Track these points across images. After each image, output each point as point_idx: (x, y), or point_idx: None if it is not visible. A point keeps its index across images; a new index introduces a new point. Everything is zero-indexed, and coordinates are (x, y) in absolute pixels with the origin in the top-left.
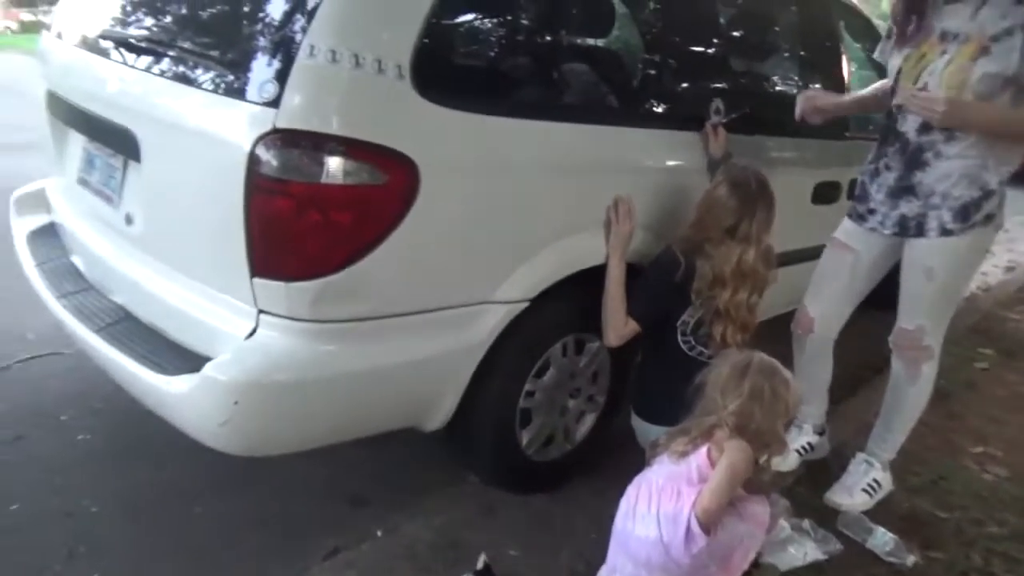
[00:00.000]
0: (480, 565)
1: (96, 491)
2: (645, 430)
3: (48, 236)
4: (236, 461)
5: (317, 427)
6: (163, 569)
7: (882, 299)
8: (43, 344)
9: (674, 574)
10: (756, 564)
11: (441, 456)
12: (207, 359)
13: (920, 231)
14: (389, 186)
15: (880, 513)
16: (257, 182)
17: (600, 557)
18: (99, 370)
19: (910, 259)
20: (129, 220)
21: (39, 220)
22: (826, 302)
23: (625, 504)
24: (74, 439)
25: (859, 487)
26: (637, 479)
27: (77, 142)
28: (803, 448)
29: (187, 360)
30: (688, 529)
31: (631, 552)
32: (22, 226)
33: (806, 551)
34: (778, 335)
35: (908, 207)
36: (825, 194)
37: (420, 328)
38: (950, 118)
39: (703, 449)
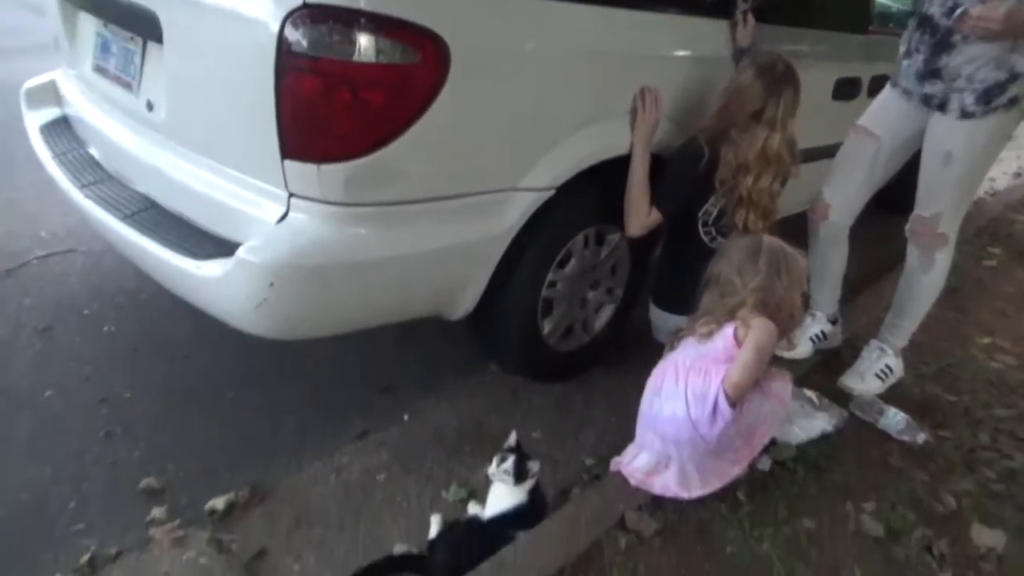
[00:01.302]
0: (512, 442)
1: (127, 379)
2: (663, 320)
3: (62, 128)
4: (261, 352)
5: (346, 311)
6: (201, 446)
7: (899, 202)
8: (58, 242)
9: (701, 449)
10: (773, 442)
11: (465, 346)
12: (236, 245)
13: (942, 109)
14: (421, 66)
15: (891, 398)
16: (287, 60)
17: (620, 439)
18: (118, 266)
19: (930, 145)
20: (150, 106)
21: (51, 113)
22: (844, 190)
23: (651, 386)
24: (100, 331)
25: (872, 372)
26: (661, 363)
27: (90, 27)
28: (817, 336)
29: (218, 246)
30: (716, 405)
31: (659, 430)
32: (35, 119)
33: (816, 425)
34: (792, 232)
35: (932, 88)
36: (846, 90)
37: (448, 214)
38: (1011, 30)
39: (728, 329)
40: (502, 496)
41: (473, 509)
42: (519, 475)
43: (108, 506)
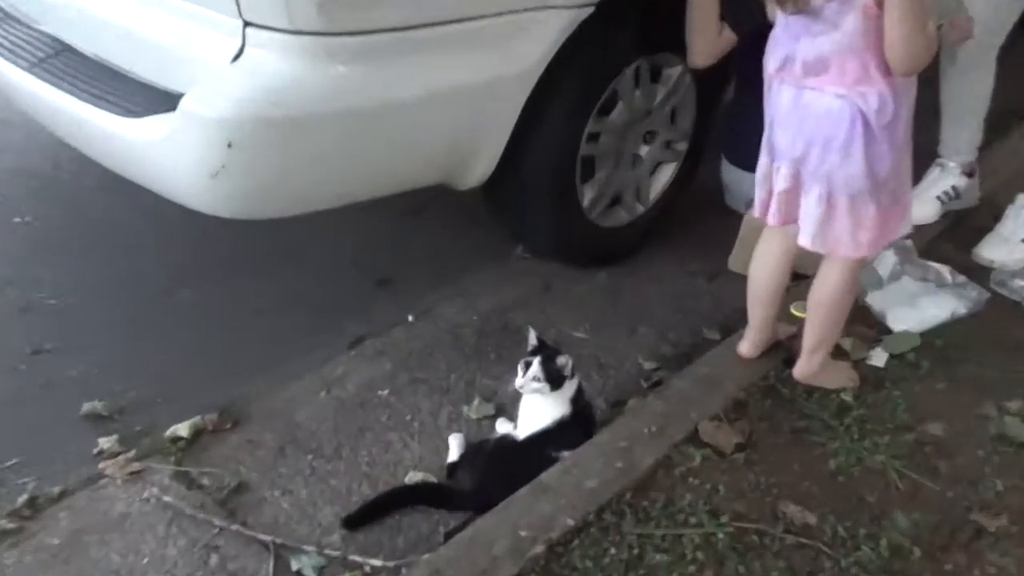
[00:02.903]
0: (532, 340)
1: (53, 282)
2: (739, 181)
3: None
4: (224, 240)
5: (327, 180)
6: (153, 361)
7: None
8: None
9: (856, 163)
10: (887, 332)
11: (483, 226)
12: (179, 96)
13: None
14: None
15: None
16: None
17: (685, 335)
18: (27, 137)
19: None
20: None
21: None
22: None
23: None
24: (10, 224)
25: (1020, 236)
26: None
27: None
28: (946, 193)
29: (156, 98)
30: (876, 104)
31: (806, 134)
32: None
33: (945, 305)
34: None
35: None
36: None
37: (456, 44)
38: None
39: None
40: (537, 410)
41: (503, 428)
42: (553, 378)
43: (45, 437)
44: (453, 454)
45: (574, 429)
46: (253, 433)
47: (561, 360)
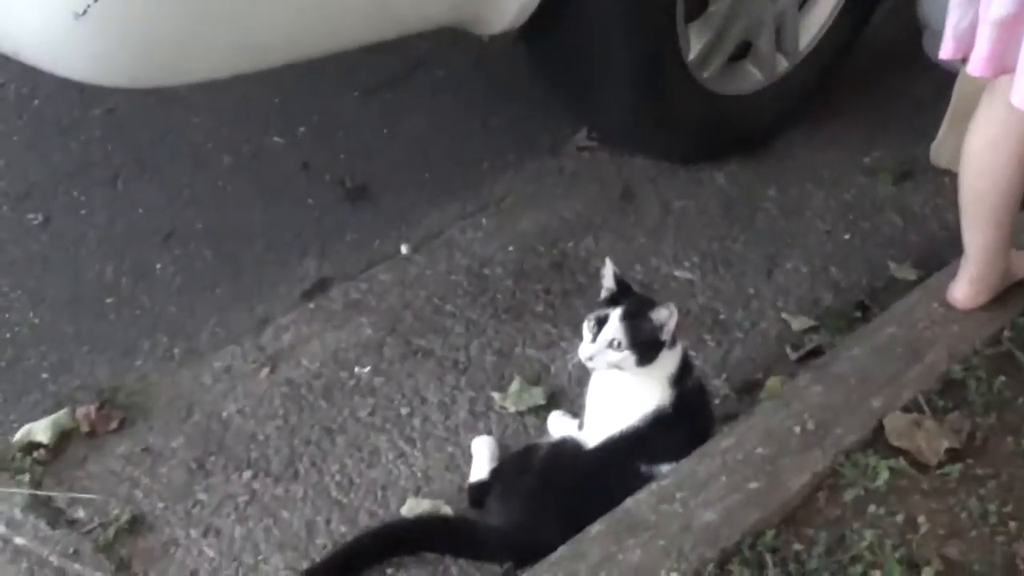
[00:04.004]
0: (609, 281)
1: None
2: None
3: None
4: (108, 135)
5: (248, 17)
6: None
7: None
8: None
9: None
10: None
11: (515, 98)
12: None
13: None
14: None
15: None
16: None
17: (855, 270)
18: None
19: None
20: None
21: None
22: None
23: None
24: None
25: None
26: None
27: None
28: None
29: None
30: None
31: None
32: None
33: None
34: None
35: None
36: None
37: None
38: None
39: None
40: (617, 397)
41: (560, 426)
42: (642, 345)
43: None
44: (479, 470)
45: (678, 428)
46: (154, 436)
47: (657, 315)
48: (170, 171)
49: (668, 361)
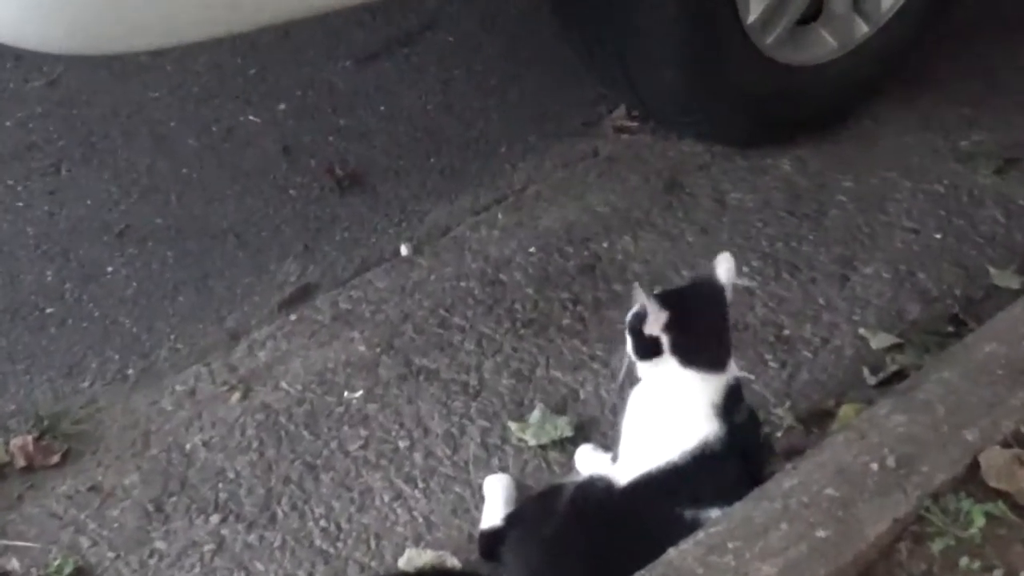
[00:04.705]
0: (639, 307)
1: None
2: None
3: None
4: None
5: None
6: None
7: None
8: None
9: None
10: None
11: (537, 66)
12: None
13: None
14: None
15: None
16: None
17: (949, 275)
18: None
19: None
20: None
21: None
22: None
23: None
24: None
25: None
26: None
27: None
28: None
29: None
30: None
31: None
32: None
33: None
34: None
35: None
36: None
37: None
38: None
39: None
40: (657, 425)
41: (590, 462)
42: (688, 357)
43: None
44: (493, 514)
45: (729, 464)
46: (103, 472)
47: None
48: (124, 156)
49: (716, 383)
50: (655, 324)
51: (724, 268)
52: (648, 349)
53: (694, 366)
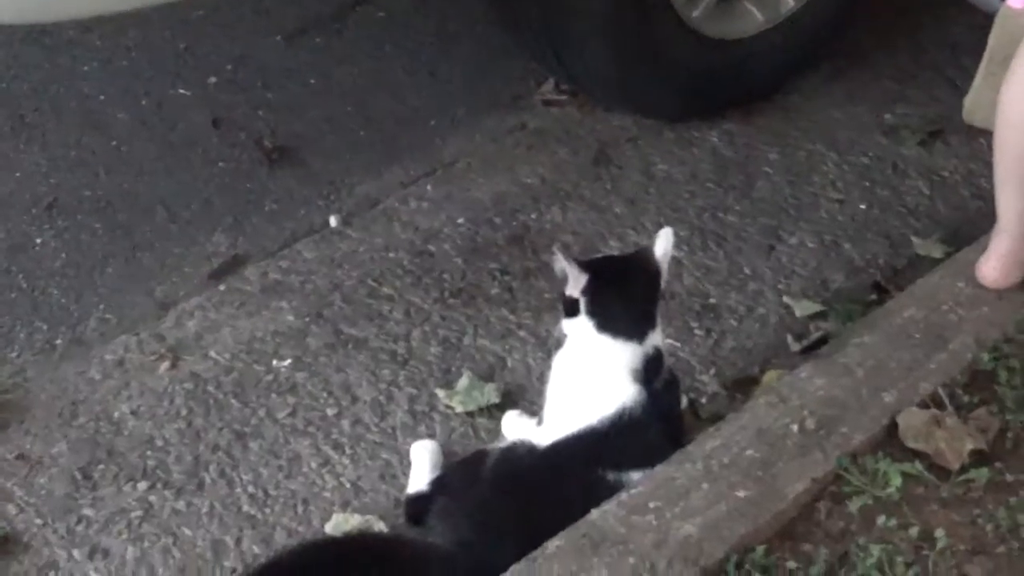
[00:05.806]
0: (560, 268)
1: None
2: None
3: None
4: None
5: None
6: None
7: None
8: None
9: None
10: None
11: (465, 40)
12: None
13: None
14: None
15: None
16: None
17: (872, 245)
18: None
19: None
20: None
21: None
22: None
23: None
24: None
25: None
26: None
27: None
28: None
29: None
30: None
31: None
32: None
33: None
34: None
35: None
36: None
37: None
38: None
39: None
40: (578, 390)
41: (516, 428)
42: (603, 321)
43: None
44: (419, 479)
45: (650, 428)
46: (31, 441)
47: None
48: (53, 129)
49: (628, 353)
50: (575, 286)
51: (662, 243)
52: (569, 308)
53: (608, 332)
